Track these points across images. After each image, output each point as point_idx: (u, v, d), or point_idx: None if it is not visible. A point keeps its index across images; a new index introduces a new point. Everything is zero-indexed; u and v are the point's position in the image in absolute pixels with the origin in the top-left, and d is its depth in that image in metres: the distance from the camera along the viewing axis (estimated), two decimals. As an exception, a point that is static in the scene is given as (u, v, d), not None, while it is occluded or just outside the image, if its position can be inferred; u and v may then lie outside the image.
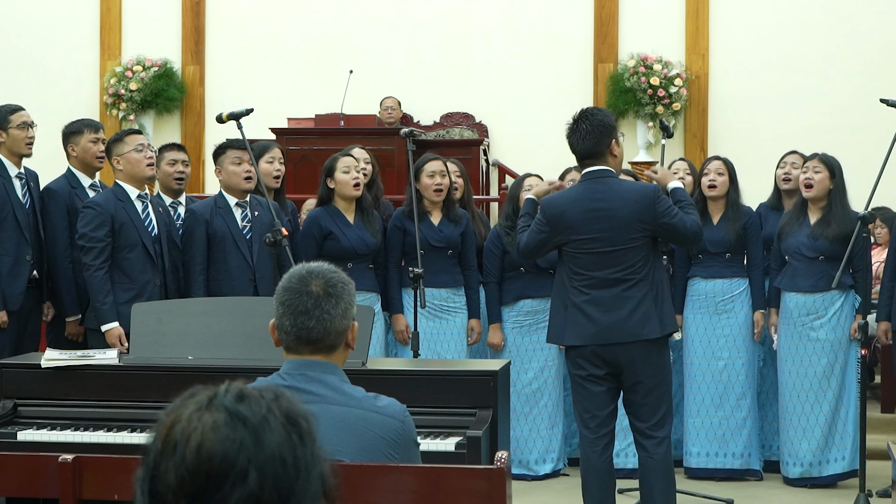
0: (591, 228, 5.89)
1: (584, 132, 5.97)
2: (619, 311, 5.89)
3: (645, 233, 5.92)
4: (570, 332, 5.98)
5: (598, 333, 5.90)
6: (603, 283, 5.90)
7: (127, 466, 3.61)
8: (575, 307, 5.96)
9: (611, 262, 5.89)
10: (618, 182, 6.03)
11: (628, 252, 5.89)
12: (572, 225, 5.93)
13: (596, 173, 5.98)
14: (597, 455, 6.02)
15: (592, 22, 13.16)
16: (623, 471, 7.47)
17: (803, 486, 7.67)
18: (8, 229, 7.06)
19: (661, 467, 5.98)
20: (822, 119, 12.42)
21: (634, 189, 6.08)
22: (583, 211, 5.92)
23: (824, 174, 7.62)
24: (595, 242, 5.89)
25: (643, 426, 5.99)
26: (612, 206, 5.90)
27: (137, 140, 6.95)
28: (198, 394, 1.89)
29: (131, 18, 13.90)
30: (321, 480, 1.89)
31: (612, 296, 5.89)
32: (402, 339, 7.68)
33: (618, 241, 5.88)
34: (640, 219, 5.90)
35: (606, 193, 5.93)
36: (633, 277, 5.90)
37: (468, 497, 3.45)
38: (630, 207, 5.90)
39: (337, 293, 3.28)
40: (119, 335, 6.61)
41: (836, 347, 7.64)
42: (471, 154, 11.28)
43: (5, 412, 5.33)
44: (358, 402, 3.26)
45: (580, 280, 5.95)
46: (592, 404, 6.00)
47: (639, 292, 5.90)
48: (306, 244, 7.33)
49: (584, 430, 6.05)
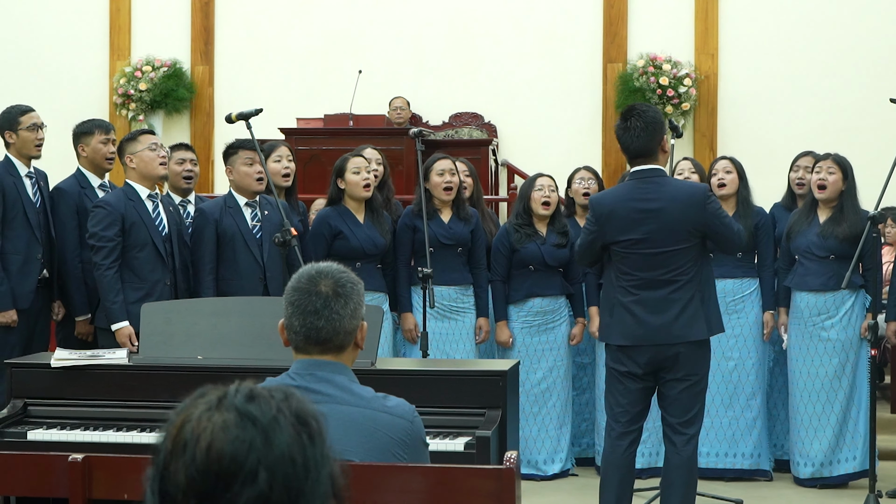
0: (640, 229, 5.83)
1: (636, 130, 5.88)
2: (666, 313, 5.83)
3: (694, 234, 5.85)
4: (617, 331, 5.93)
5: (645, 335, 5.85)
6: (651, 284, 5.84)
7: (137, 466, 3.61)
8: (622, 307, 5.91)
9: (659, 264, 5.83)
10: (668, 181, 5.97)
11: (677, 254, 5.83)
12: (620, 224, 5.86)
13: (646, 172, 5.90)
14: (621, 450, 5.98)
15: (601, 22, 13.15)
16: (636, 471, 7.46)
17: (813, 487, 7.66)
18: (18, 228, 7.08)
19: (687, 465, 5.95)
20: (831, 119, 12.41)
21: (684, 189, 6.01)
22: (631, 210, 5.85)
23: (838, 175, 7.59)
24: (643, 244, 5.83)
25: (675, 421, 5.95)
26: (661, 206, 5.82)
27: (151, 139, 6.97)
28: (208, 394, 1.89)
29: (141, 19, 13.92)
30: (331, 480, 1.89)
31: (659, 297, 5.84)
32: (411, 338, 7.68)
33: (666, 242, 5.82)
34: (689, 220, 5.82)
35: (657, 193, 5.85)
36: (681, 279, 5.84)
37: (477, 497, 3.45)
38: (680, 208, 5.83)
39: (346, 293, 3.28)
40: (129, 334, 6.62)
41: (847, 347, 7.62)
42: (480, 154, 11.27)
43: (15, 412, 5.34)
44: (367, 402, 3.27)
45: (628, 280, 5.89)
46: (627, 400, 5.97)
47: (686, 294, 5.84)
48: (316, 244, 7.34)
49: (615, 424, 6.01)
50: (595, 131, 13.09)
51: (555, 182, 8.02)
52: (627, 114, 5.97)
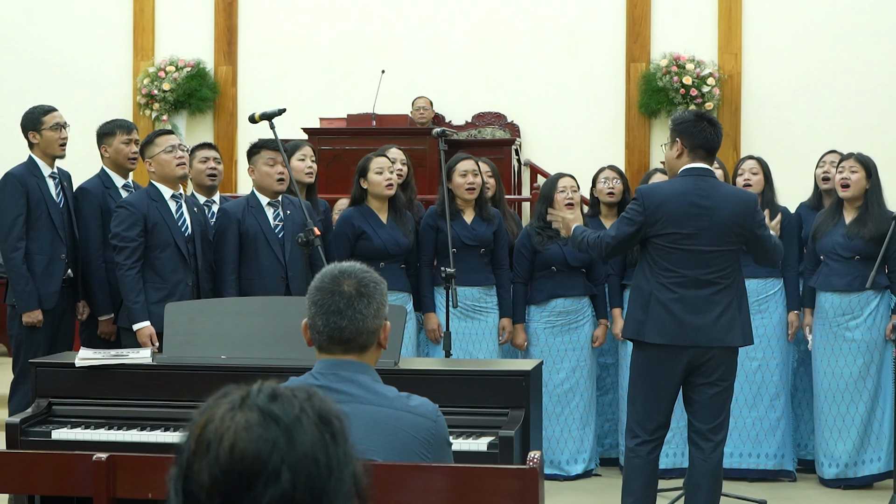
0: (692, 224, 5.80)
1: (718, 128, 5.96)
2: (706, 315, 5.80)
3: (740, 238, 5.86)
4: (653, 329, 5.85)
5: (683, 335, 5.80)
6: (694, 283, 5.80)
7: (160, 465, 3.62)
8: (660, 304, 5.84)
9: (704, 263, 5.81)
10: (720, 183, 6.00)
11: (722, 255, 5.82)
12: (672, 217, 5.82)
13: (699, 170, 5.89)
14: (645, 454, 5.94)
15: (624, 21, 13.14)
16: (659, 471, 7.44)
17: (838, 487, 7.63)
18: (42, 228, 7.12)
19: (714, 472, 5.93)
20: (855, 118, 12.37)
21: (737, 193, 6.05)
22: (686, 204, 5.82)
23: (861, 174, 7.57)
24: (693, 239, 5.80)
25: (703, 427, 5.91)
26: (715, 205, 5.82)
27: (168, 141, 6.97)
28: (231, 393, 1.90)
29: (164, 19, 13.96)
30: (353, 480, 1.90)
31: (701, 297, 5.80)
32: (434, 338, 7.68)
33: (716, 241, 5.80)
34: (739, 223, 5.84)
35: (710, 192, 5.85)
36: (723, 282, 5.82)
37: (501, 497, 3.44)
38: (732, 210, 5.83)
39: (369, 293, 3.28)
40: (150, 334, 6.63)
41: (872, 348, 7.59)
42: (502, 154, 11.27)
43: (40, 411, 5.35)
44: (390, 401, 3.26)
45: (669, 276, 5.84)
46: (654, 405, 5.91)
47: (726, 297, 5.83)
48: (339, 244, 7.34)
49: (638, 430, 5.96)
50: (618, 131, 13.08)
51: (576, 181, 7.98)
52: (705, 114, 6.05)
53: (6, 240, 7.09)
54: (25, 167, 7.19)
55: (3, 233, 7.11)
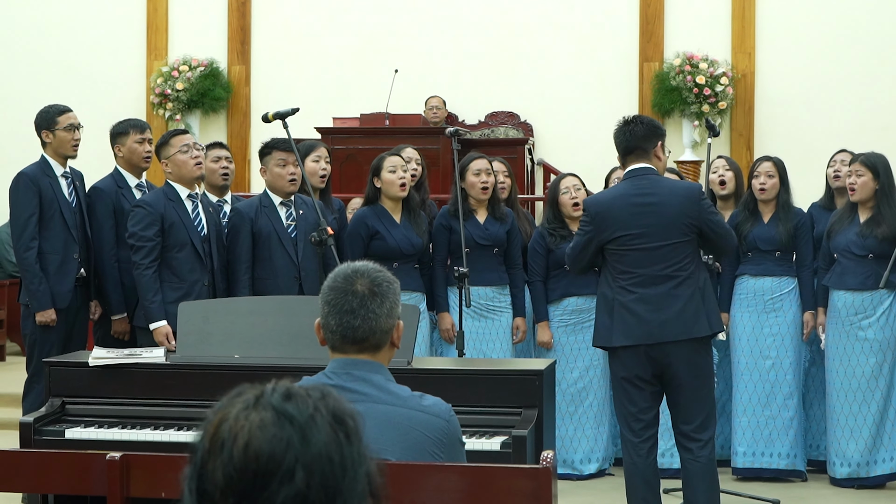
0: (639, 223, 5.85)
1: (633, 127, 6.00)
2: (668, 309, 5.84)
3: (691, 229, 5.89)
4: (619, 332, 5.90)
5: (648, 332, 5.84)
6: (651, 281, 5.85)
7: (174, 465, 3.62)
8: (623, 307, 5.89)
9: (659, 259, 5.85)
10: (662, 178, 6.03)
11: (676, 248, 5.86)
12: (618, 220, 5.88)
13: (639, 171, 5.96)
14: (641, 458, 5.97)
15: (638, 20, 13.12)
16: (668, 471, 7.43)
17: (850, 487, 7.62)
18: (55, 228, 7.13)
19: (706, 471, 5.94)
20: (869, 117, 12.34)
21: (680, 185, 6.11)
22: (629, 206, 5.89)
23: (866, 177, 7.54)
24: (643, 238, 5.85)
25: (687, 429, 5.94)
26: (659, 200, 5.87)
27: (182, 141, 6.98)
28: (245, 392, 1.90)
29: (177, 19, 13.98)
30: (367, 479, 1.90)
31: (661, 293, 5.84)
32: (448, 337, 7.68)
33: (666, 236, 5.85)
34: (687, 213, 5.87)
35: (653, 188, 5.91)
36: (681, 274, 5.85)
37: (514, 496, 3.44)
38: (677, 202, 5.88)
39: (382, 292, 3.28)
40: (167, 333, 6.65)
41: (885, 347, 7.58)
42: (516, 153, 11.27)
43: (53, 410, 5.37)
44: (403, 400, 3.26)
45: (627, 278, 5.89)
46: (636, 407, 5.95)
47: (687, 290, 5.86)
48: (353, 243, 7.34)
49: (628, 434, 6.01)
50: (631, 130, 13.04)
51: (580, 180, 7.99)
52: (629, 117, 6.11)
53: (19, 239, 7.10)
54: (38, 167, 7.20)
55: (16, 232, 7.13)
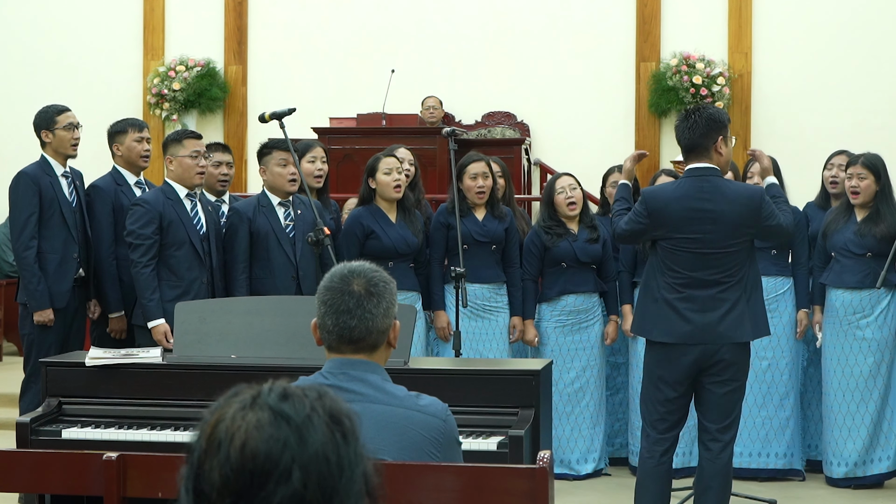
0: (695, 229, 5.76)
1: (692, 122, 5.83)
2: (713, 312, 5.77)
3: (748, 236, 5.82)
4: (661, 328, 5.84)
5: (690, 333, 5.78)
6: (700, 284, 5.78)
7: (171, 465, 3.63)
8: (666, 303, 5.83)
9: (710, 264, 5.77)
10: (724, 182, 5.87)
11: (729, 255, 5.77)
12: (674, 222, 5.79)
13: (701, 171, 5.83)
14: (657, 456, 5.92)
15: (635, 20, 13.12)
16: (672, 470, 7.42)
17: (847, 487, 7.62)
18: (55, 227, 7.14)
19: (723, 472, 5.89)
20: (865, 117, 12.34)
21: (741, 192, 5.92)
22: (687, 209, 5.78)
23: (869, 180, 7.55)
24: (697, 243, 5.76)
25: (714, 427, 5.88)
26: (718, 207, 5.76)
27: (195, 146, 6.97)
28: (241, 393, 1.90)
29: (174, 19, 13.97)
30: (364, 479, 1.90)
31: (707, 296, 5.77)
32: (444, 335, 7.68)
33: (721, 244, 5.76)
34: (745, 223, 5.78)
35: (713, 194, 5.78)
36: (730, 280, 5.78)
37: (511, 496, 3.45)
38: (737, 211, 5.77)
39: (379, 292, 3.28)
40: (165, 332, 6.66)
41: (883, 346, 7.59)
42: (512, 153, 11.27)
43: (50, 410, 5.36)
44: (400, 400, 3.27)
45: (674, 277, 5.82)
46: (665, 408, 5.90)
47: (734, 294, 5.78)
48: (348, 243, 7.35)
49: (651, 431, 5.95)
50: (628, 130, 13.06)
51: (576, 179, 7.99)
52: (691, 109, 5.95)
53: (18, 238, 7.11)
54: (38, 166, 7.20)
55: (15, 231, 7.13)
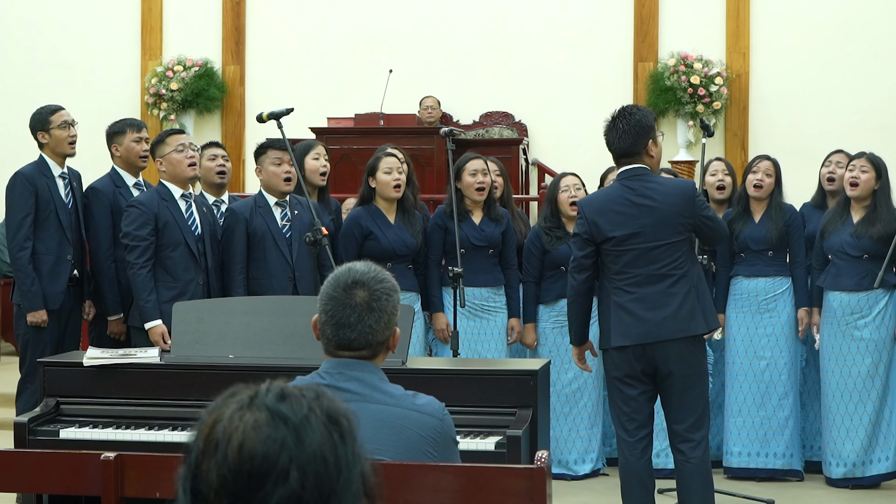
0: (633, 223, 5.85)
1: (621, 131, 5.93)
2: (665, 308, 5.83)
3: (686, 228, 5.89)
4: (617, 332, 5.90)
5: (646, 332, 5.83)
6: (647, 280, 5.84)
7: (169, 465, 3.63)
8: (619, 307, 5.89)
9: (654, 258, 5.85)
10: (655, 178, 6.00)
11: (672, 247, 5.85)
12: (613, 220, 5.87)
13: (632, 171, 5.94)
14: (636, 458, 5.97)
15: (632, 21, 13.12)
16: (663, 471, 7.43)
17: (846, 487, 7.62)
18: (50, 229, 7.13)
19: (699, 471, 5.92)
20: (863, 117, 12.34)
21: (674, 184, 6.07)
22: (623, 206, 5.88)
23: (871, 174, 7.56)
24: (638, 238, 5.84)
25: (680, 428, 5.93)
26: (653, 200, 5.86)
27: (178, 140, 6.99)
28: (239, 393, 1.90)
29: (172, 19, 13.97)
30: (362, 479, 1.90)
31: (657, 292, 5.83)
32: (443, 337, 7.68)
33: (661, 236, 5.84)
34: (682, 213, 5.87)
35: (646, 189, 5.89)
36: (676, 273, 5.85)
37: (508, 496, 3.45)
38: (671, 202, 5.87)
39: (381, 307, 3.27)
40: (162, 333, 6.66)
41: (881, 347, 7.59)
42: (510, 153, 11.27)
43: (48, 410, 5.36)
44: (397, 399, 3.27)
45: (622, 279, 5.89)
46: (630, 407, 5.95)
47: (683, 288, 5.85)
48: (347, 244, 7.34)
49: (622, 434, 6.00)
50: (626, 130, 13.04)
51: (580, 180, 7.98)
52: (617, 115, 6.01)
53: (13, 239, 7.10)
54: (36, 167, 7.20)
55: (10, 232, 7.13)
